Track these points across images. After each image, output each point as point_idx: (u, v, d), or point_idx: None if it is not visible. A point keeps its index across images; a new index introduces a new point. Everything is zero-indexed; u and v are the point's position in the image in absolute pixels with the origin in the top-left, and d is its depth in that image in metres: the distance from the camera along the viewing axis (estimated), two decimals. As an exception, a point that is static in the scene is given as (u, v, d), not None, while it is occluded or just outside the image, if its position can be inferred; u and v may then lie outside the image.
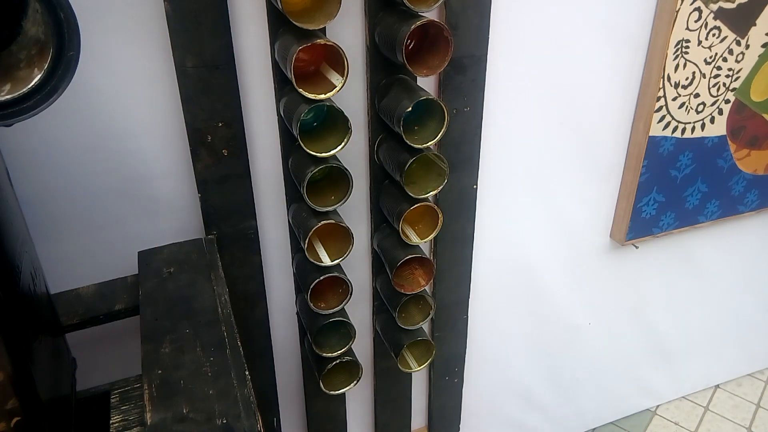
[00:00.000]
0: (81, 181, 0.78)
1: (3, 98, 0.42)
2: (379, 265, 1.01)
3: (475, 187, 1.00)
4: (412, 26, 0.73)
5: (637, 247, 1.27)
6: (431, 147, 0.84)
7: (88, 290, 0.78)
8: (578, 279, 1.29)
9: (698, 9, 1.02)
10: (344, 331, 0.93)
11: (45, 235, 0.79)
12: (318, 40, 0.70)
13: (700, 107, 1.14)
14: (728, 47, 1.10)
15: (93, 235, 0.82)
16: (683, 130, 1.15)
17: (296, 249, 0.96)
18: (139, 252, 0.80)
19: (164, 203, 0.85)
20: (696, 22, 1.03)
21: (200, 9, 0.72)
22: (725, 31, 1.08)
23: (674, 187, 1.20)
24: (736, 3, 1.06)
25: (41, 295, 0.61)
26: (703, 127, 1.17)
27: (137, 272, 0.77)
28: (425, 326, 1.04)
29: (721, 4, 1.04)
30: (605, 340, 1.41)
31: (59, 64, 0.43)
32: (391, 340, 1.02)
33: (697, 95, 1.12)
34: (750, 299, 1.55)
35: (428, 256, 0.93)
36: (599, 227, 1.24)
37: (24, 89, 0.43)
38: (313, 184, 0.81)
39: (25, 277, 0.54)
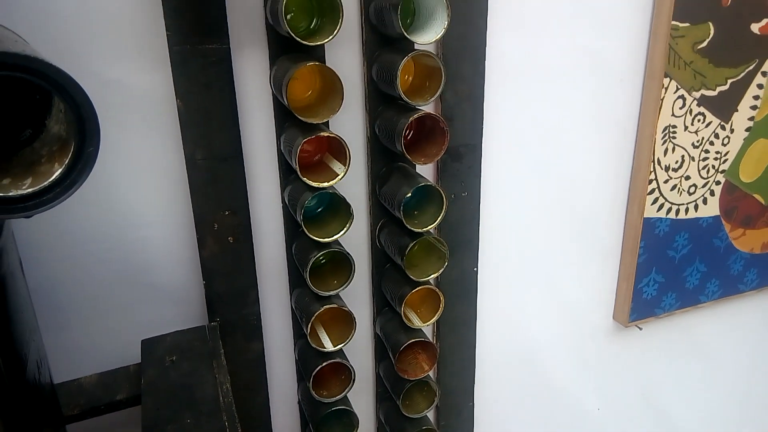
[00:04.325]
0: (90, 269, 0.80)
1: (25, 191, 0.44)
2: (381, 350, 1.01)
3: (475, 269, 1.02)
4: (410, 119, 0.77)
5: (640, 329, 1.26)
6: (431, 231, 0.87)
7: (90, 380, 0.78)
8: (584, 362, 1.27)
9: (682, 97, 1.08)
10: (347, 420, 0.91)
11: (51, 323, 0.79)
12: (322, 133, 0.74)
13: (692, 189, 1.17)
14: (714, 131, 1.15)
15: (98, 323, 0.83)
16: (677, 211, 1.18)
17: (299, 335, 0.95)
18: (142, 340, 0.80)
19: (169, 291, 0.85)
20: (681, 108, 1.09)
21: (211, 106, 0.76)
22: (709, 116, 1.13)
23: (673, 267, 1.22)
24: (717, 90, 1.11)
25: (45, 384, 0.61)
26: (696, 208, 1.20)
27: (140, 360, 0.77)
28: (430, 414, 1.01)
29: (703, 92, 1.10)
30: (615, 426, 1.37)
31: (79, 160, 0.45)
32: (395, 430, 0.99)
33: (687, 177, 1.16)
34: (760, 379, 1.52)
35: (431, 341, 0.92)
36: (602, 309, 1.24)
37: (45, 183, 0.45)
38: (316, 269, 0.82)
39: (31, 367, 0.54)
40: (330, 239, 0.80)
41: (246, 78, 0.80)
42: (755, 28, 1.10)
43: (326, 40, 0.71)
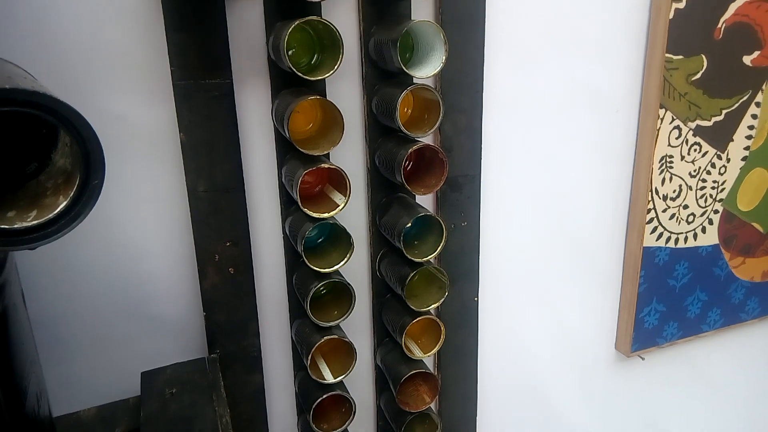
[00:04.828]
0: (91, 301, 0.80)
1: (29, 224, 0.45)
2: (382, 382, 1.00)
3: (476, 299, 1.02)
4: (409, 150, 0.78)
5: (643, 359, 1.26)
6: (431, 261, 0.87)
7: (88, 413, 0.77)
8: (587, 393, 1.26)
9: (678, 127, 1.09)
10: (348, 453, 0.90)
11: (51, 356, 0.79)
12: (322, 164, 0.75)
13: (690, 218, 1.18)
14: (710, 161, 1.16)
15: (98, 355, 0.82)
16: (676, 240, 1.18)
17: (299, 367, 0.95)
18: (142, 372, 0.79)
19: (170, 322, 0.85)
20: (677, 139, 1.10)
21: (213, 139, 0.77)
22: (705, 146, 1.14)
23: (674, 296, 1.21)
24: (712, 121, 1.13)
25: (44, 417, 0.60)
26: (695, 237, 1.20)
27: (139, 393, 0.77)
28: (432, 447, 1.00)
29: (699, 122, 1.11)
30: (621, 459, 1.35)
31: (84, 192, 0.46)
32: (397, 462, 0.98)
33: (686, 206, 1.17)
34: (765, 409, 1.50)
35: (433, 372, 0.92)
36: (604, 339, 1.23)
37: (49, 215, 0.46)
38: (316, 300, 0.82)
39: (30, 399, 0.54)
40: (330, 269, 0.80)
41: (248, 111, 0.81)
42: (747, 60, 1.12)
43: (327, 75, 0.73)
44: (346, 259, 0.80)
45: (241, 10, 0.77)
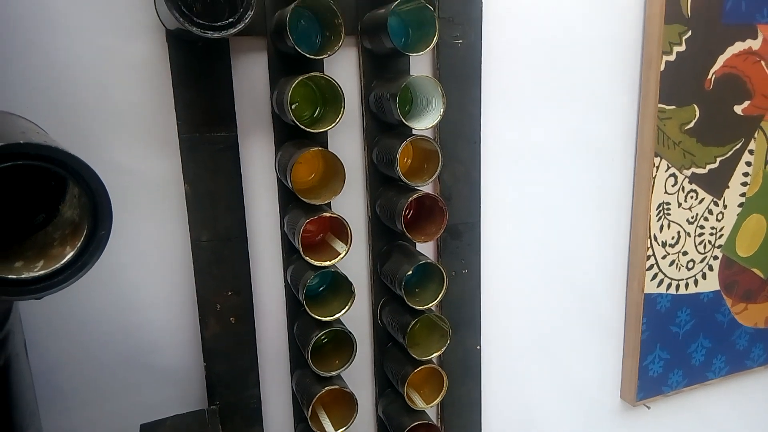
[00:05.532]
0: (92, 352, 0.80)
1: (36, 274, 0.46)
2: (385, 434, 0.98)
3: (478, 348, 1.01)
4: (410, 199, 0.80)
5: (648, 408, 1.23)
6: (432, 308, 0.87)
7: (85, 467, 0.76)
8: (593, 444, 1.23)
9: (673, 175, 1.11)
10: None
11: (50, 407, 0.78)
12: (324, 213, 0.76)
13: (690, 264, 1.18)
14: (707, 208, 1.17)
15: (98, 406, 0.81)
16: (677, 287, 1.18)
17: (299, 418, 0.94)
18: (141, 425, 0.78)
19: (170, 373, 0.85)
20: (673, 186, 1.12)
21: (217, 190, 0.79)
22: (702, 193, 1.16)
23: (677, 343, 1.20)
24: (707, 168, 1.15)
25: (41, 471, 0.59)
26: (696, 283, 1.20)
27: (138, 446, 0.76)
28: (436, 501, 0.98)
29: (694, 170, 1.13)
30: None
31: (91, 243, 0.47)
32: None
33: (685, 253, 1.17)
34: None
35: (435, 423, 0.91)
36: (608, 388, 1.22)
37: (56, 265, 0.47)
38: (317, 349, 0.82)
39: (28, 452, 0.53)
40: (332, 318, 0.80)
41: (252, 163, 0.83)
42: (738, 109, 1.15)
43: (329, 128, 0.75)
44: (347, 308, 0.80)
45: (245, 66, 0.80)
